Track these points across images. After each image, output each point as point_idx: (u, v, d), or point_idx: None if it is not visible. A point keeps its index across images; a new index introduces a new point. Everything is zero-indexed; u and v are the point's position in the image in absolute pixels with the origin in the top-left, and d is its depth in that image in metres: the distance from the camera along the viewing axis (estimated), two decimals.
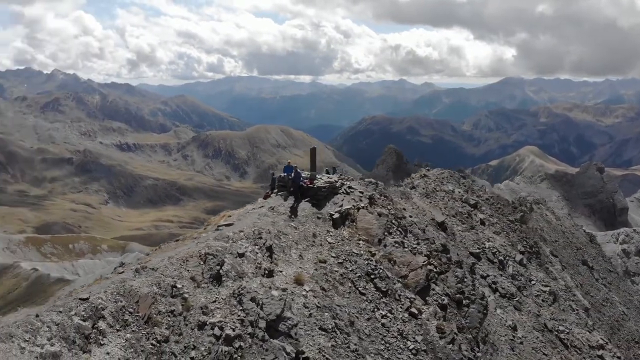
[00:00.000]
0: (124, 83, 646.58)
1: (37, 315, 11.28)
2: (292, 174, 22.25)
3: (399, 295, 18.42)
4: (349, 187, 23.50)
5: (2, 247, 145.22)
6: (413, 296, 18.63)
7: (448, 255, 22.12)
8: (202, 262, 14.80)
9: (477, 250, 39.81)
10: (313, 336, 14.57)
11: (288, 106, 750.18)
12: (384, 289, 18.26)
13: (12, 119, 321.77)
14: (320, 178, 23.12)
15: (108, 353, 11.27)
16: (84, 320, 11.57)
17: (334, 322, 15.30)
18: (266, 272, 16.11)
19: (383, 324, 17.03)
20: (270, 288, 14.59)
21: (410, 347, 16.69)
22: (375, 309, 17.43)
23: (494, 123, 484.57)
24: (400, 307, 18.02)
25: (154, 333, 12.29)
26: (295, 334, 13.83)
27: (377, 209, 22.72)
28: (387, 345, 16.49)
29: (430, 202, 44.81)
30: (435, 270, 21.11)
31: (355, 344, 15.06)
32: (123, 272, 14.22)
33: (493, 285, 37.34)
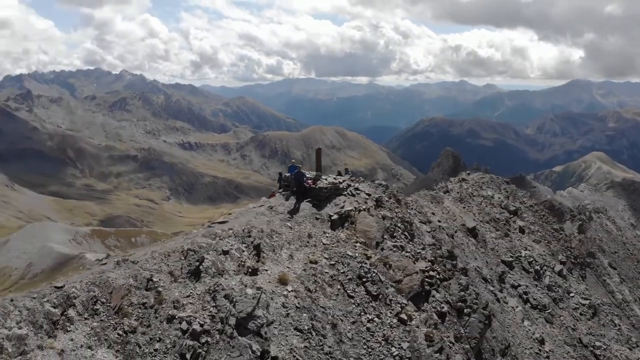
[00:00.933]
0: (188, 84, 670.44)
1: (11, 300, 12.12)
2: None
3: (390, 300, 18.10)
4: (356, 189, 23.36)
5: (68, 239, 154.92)
6: (405, 302, 18.24)
7: (453, 262, 21.47)
8: (183, 258, 15.26)
9: (510, 259, 38.41)
10: (287, 336, 14.64)
11: (344, 107, 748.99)
12: (375, 293, 18.01)
13: (82, 116, 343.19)
14: (325, 179, 23.14)
15: (72, 339, 11.92)
16: (55, 307, 12.31)
17: (311, 324, 15.29)
18: (249, 270, 16.36)
19: (368, 328, 16.82)
20: (246, 286, 14.79)
21: (394, 354, 16.36)
22: (362, 313, 17.24)
23: (560, 127, 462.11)
24: (390, 312, 17.71)
25: (122, 323, 12.85)
26: (266, 333, 13.95)
27: (382, 212, 22.44)
28: (370, 350, 16.27)
29: (464, 207, 43.66)
30: (437, 276, 20.58)
31: (329, 347, 14.98)
32: (105, 263, 14.94)
33: (524, 296, 35.91)
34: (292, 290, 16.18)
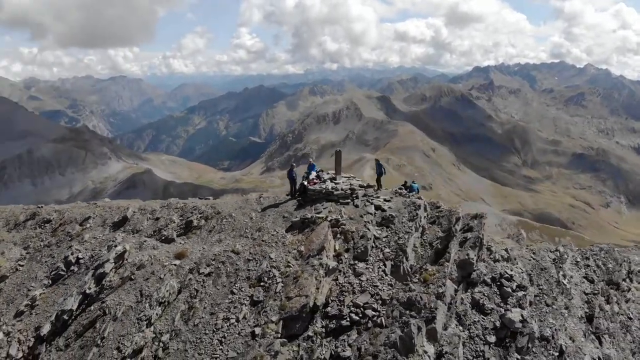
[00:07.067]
0: None
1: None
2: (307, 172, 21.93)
3: (264, 312, 16.70)
4: (369, 200, 20.49)
5: (495, 224, 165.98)
6: (274, 320, 16.31)
7: (406, 311, 16.17)
8: (120, 213, 20.12)
9: None
10: (129, 293, 17.28)
11: None
12: (257, 299, 17.11)
13: (536, 109, 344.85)
14: (337, 183, 21.25)
15: (14, 236, 19.49)
16: (24, 218, 20.20)
17: (154, 294, 17.04)
18: (164, 237, 19.33)
19: (216, 324, 16.71)
20: (123, 245, 18.23)
21: (215, 356, 15.84)
22: (227, 311, 17.04)
23: None
24: (252, 322, 16.53)
25: (47, 239, 19.40)
26: (106, 281, 17.22)
27: (375, 230, 19.07)
28: (199, 342, 16.39)
29: None
30: (374, 318, 16.64)
31: (145, 315, 16.44)
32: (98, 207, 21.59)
33: None
34: (177, 265, 18.17)
